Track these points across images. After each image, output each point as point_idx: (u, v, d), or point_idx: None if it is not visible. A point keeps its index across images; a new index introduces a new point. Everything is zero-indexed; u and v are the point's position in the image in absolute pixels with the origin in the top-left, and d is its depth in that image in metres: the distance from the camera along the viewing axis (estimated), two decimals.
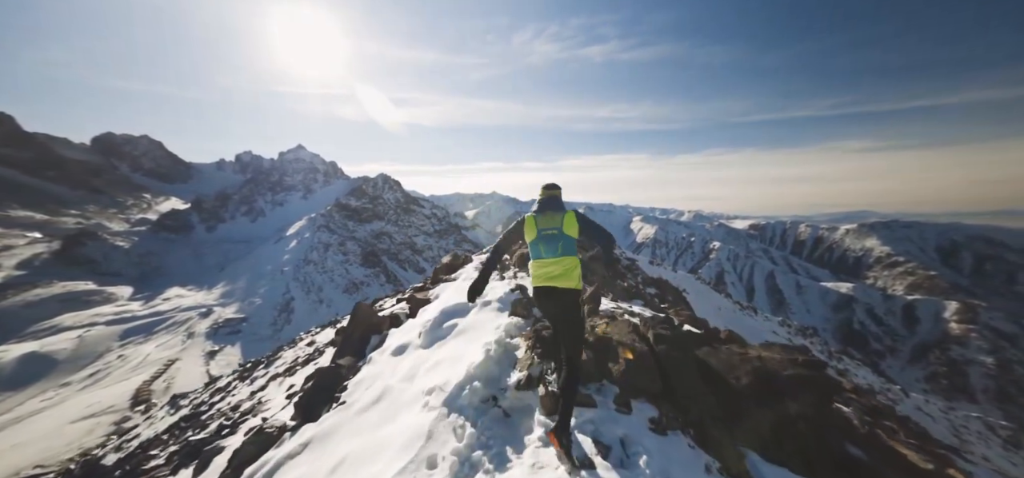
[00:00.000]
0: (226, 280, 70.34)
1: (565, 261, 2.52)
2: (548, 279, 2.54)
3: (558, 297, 2.53)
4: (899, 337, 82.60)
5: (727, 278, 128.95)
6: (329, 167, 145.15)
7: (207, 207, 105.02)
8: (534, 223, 2.62)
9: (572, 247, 2.54)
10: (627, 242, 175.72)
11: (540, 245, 2.59)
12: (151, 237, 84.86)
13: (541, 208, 2.71)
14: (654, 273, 23.26)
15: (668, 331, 3.55)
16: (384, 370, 4.47)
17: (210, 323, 52.86)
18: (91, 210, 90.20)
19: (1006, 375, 62.15)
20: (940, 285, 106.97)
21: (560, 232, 2.54)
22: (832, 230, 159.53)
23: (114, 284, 63.03)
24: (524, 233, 2.68)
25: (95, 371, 38.43)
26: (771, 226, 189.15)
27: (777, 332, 23.13)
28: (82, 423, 27.93)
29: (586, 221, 2.59)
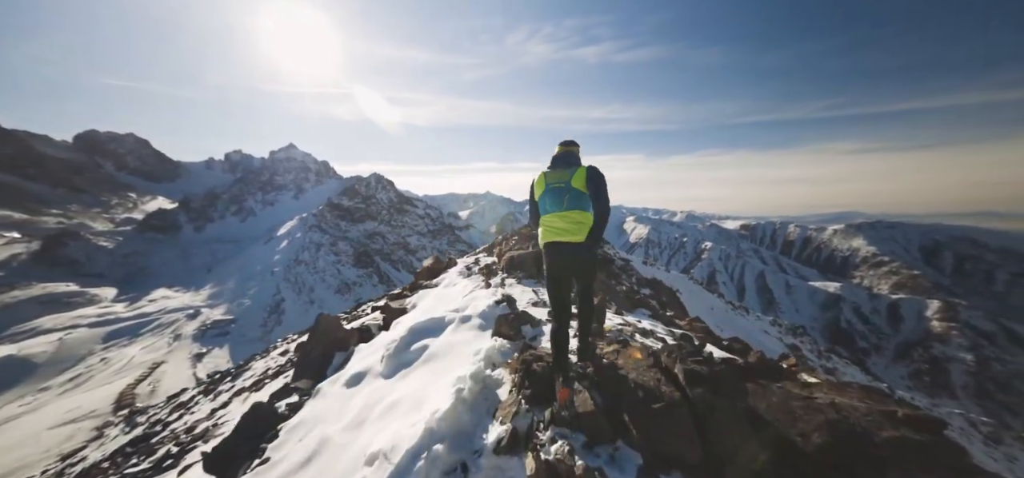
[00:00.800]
0: (214, 281, 68.97)
1: (572, 215, 2.41)
2: (553, 234, 2.44)
3: (565, 252, 2.42)
4: (884, 335, 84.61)
5: (719, 278, 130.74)
6: (321, 166, 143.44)
7: (195, 207, 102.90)
8: (544, 179, 2.57)
9: (579, 201, 2.43)
10: (621, 242, 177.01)
11: (547, 199, 2.52)
12: (137, 237, 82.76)
13: (553, 164, 2.63)
14: (648, 274, 23.40)
15: (704, 367, 2.43)
16: (330, 410, 3.52)
17: (198, 325, 51.75)
18: (73, 209, 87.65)
19: (985, 372, 64.08)
20: (923, 284, 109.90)
21: (567, 185, 2.44)
22: (820, 230, 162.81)
23: (97, 285, 61.35)
24: (533, 191, 2.62)
25: (76, 375, 37.31)
26: (762, 226, 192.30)
27: (768, 331, 23.44)
28: (61, 429, 27.06)
29: (597, 181, 2.43)
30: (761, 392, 2.48)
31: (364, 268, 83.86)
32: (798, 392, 2.50)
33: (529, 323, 3.83)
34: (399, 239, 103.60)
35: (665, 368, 2.57)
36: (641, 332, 3.93)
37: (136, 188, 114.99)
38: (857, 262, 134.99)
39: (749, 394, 2.43)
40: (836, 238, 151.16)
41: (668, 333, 4.40)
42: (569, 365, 2.52)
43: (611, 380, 2.53)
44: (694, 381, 2.34)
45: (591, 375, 2.56)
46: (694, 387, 2.30)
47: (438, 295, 6.10)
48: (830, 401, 2.34)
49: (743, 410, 2.28)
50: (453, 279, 7.14)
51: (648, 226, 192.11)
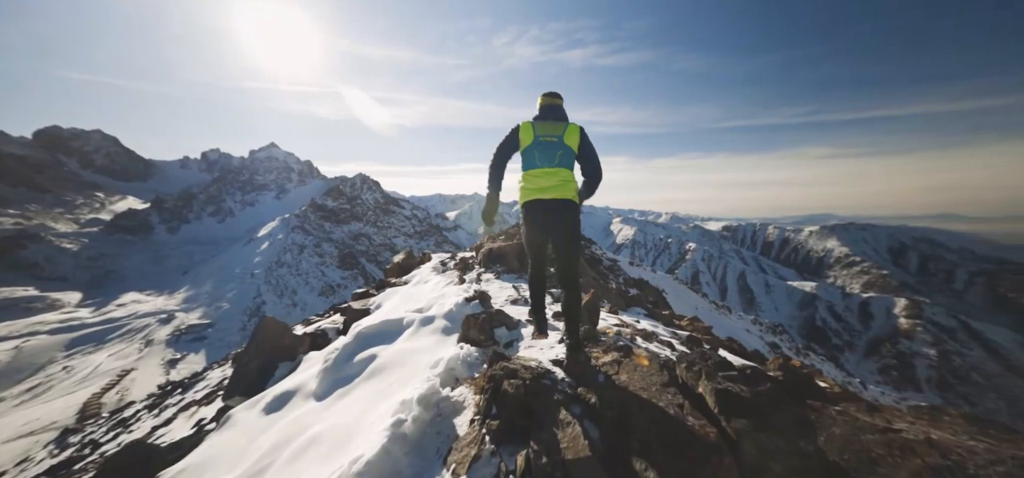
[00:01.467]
0: (190, 284, 66.08)
1: (561, 173, 2.26)
2: (541, 191, 2.25)
3: (552, 209, 2.24)
4: (855, 332, 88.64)
5: (702, 278, 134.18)
6: (304, 166, 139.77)
7: (169, 207, 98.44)
8: (531, 129, 2.32)
9: (570, 160, 2.29)
10: (607, 244, 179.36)
11: (535, 152, 2.28)
12: (104, 239, 78.46)
13: (542, 115, 2.44)
14: (635, 274, 23.78)
15: (745, 388, 1.66)
16: (231, 449, 2.69)
17: (171, 330, 49.42)
18: (32, 209, 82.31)
19: (946, 365, 67.96)
20: (891, 283, 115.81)
21: (560, 141, 2.27)
22: (797, 232, 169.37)
23: (60, 290, 57.82)
24: (519, 138, 2.33)
25: (35, 385, 34.98)
26: (743, 228, 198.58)
27: (750, 330, 24.15)
28: (17, 443, 25.28)
29: (588, 141, 2.32)
30: (818, 421, 1.66)
31: (349, 270, 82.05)
32: (868, 421, 1.66)
33: (505, 325, 3.11)
34: (385, 240, 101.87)
35: (685, 386, 1.85)
36: (642, 334, 3.16)
37: (104, 187, 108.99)
38: (831, 262, 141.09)
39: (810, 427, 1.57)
40: (812, 239, 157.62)
41: (672, 335, 3.72)
42: (544, 316, 2.56)
43: (612, 402, 1.79)
44: (732, 407, 1.58)
45: (583, 396, 1.91)
46: (733, 417, 1.54)
47: (406, 294, 5.46)
48: (924, 438, 1.50)
49: (813, 455, 1.44)
50: (425, 275, 6.45)
51: (634, 228, 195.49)
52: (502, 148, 2.38)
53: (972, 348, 69.95)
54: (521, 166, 2.38)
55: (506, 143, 2.38)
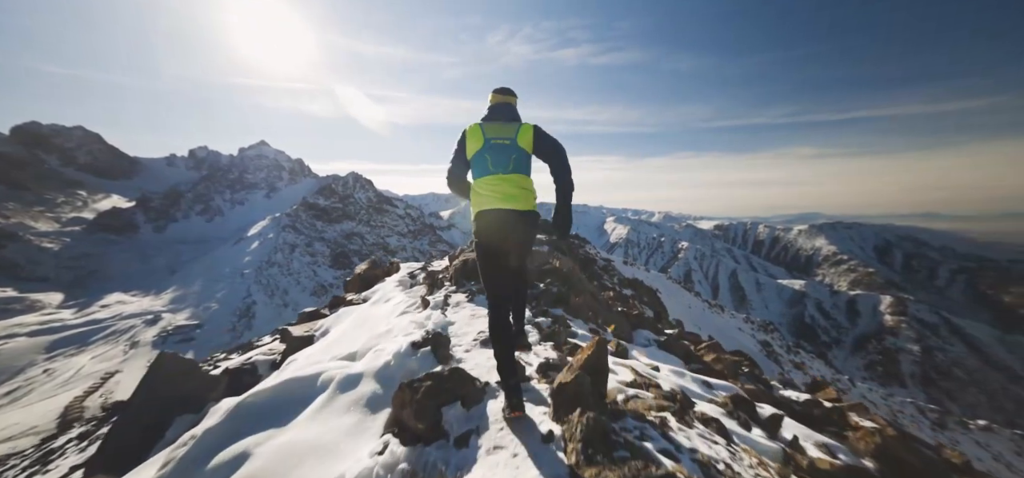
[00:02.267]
0: (178, 284, 64.65)
1: (519, 179, 2.02)
2: (496, 200, 1.98)
3: (514, 221, 1.98)
4: (843, 329, 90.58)
5: (694, 276, 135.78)
6: (295, 165, 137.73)
7: (155, 205, 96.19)
8: (480, 132, 2.06)
9: (526, 164, 2.07)
10: (601, 242, 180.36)
11: (487, 157, 2.01)
12: (87, 238, 76.34)
13: (491, 115, 2.19)
14: (629, 274, 23.89)
15: None
16: None
17: (158, 331, 48.30)
18: (11, 208, 79.66)
19: (929, 361, 69.83)
20: (877, 281, 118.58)
21: (513, 143, 2.04)
22: (787, 231, 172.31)
23: (40, 290, 56.09)
24: (466, 145, 2.08)
25: (14, 388, 33.87)
26: (734, 227, 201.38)
27: (742, 329, 24.44)
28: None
29: (545, 137, 2.08)
30: None
31: (342, 269, 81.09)
32: None
33: (461, 398, 1.99)
34: (378, 239, 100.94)
35: None
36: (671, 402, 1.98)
37: (86, 185, 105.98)
38: (819, 260, 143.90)
39: None
40: (801, 238, 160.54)
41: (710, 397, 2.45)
42: (518, 381, 1.90)
43: None
44: None
45: None
46: None
47: (361, 316, 4.46)
48: None
49: None
50: (389, 291, 5.39)
51: (627, 226, 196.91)
52: (455, 162, 2.12)
53: (954, 344, 71.99)
54: (472, 173, 2.11)
55: (457, 156, 2.12)
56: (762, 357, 19.60)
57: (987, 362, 67.64)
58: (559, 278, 5.46)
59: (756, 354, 19.57)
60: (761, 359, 19.44)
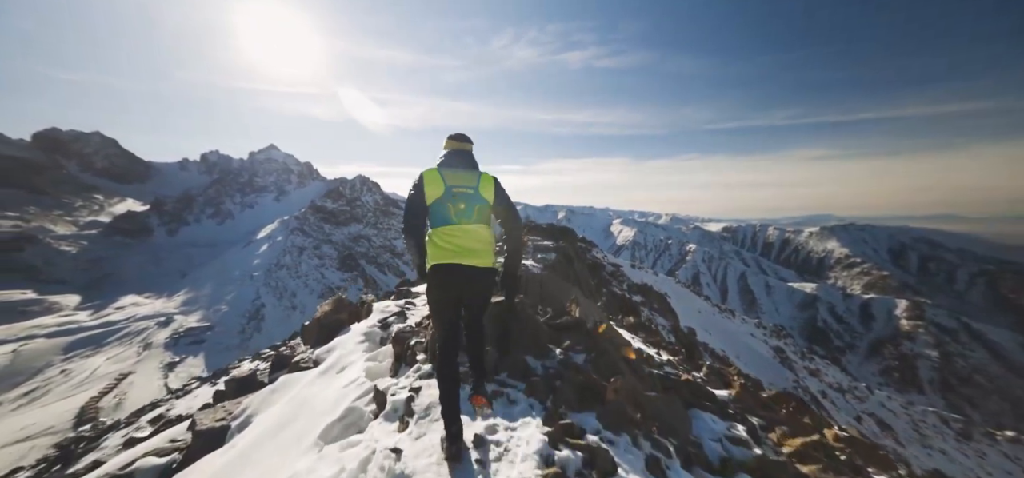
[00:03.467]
0: (189, 286, 65.79)
1: (481, 232, 1.98)
2: (460, 253, 1.91)
3: (473, 278, 1.94)
4: (857, 334, 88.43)
5: (702, 279, 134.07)
6: (303, 168, 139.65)
7: (168, 209, 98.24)
8: (439, 178, 1.98)
9: (487, 215, 2.05)
10: (607, 245, 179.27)
11: (448, 206, 1.94)
12: (103, 241, 78.22)
13: (449, 162, 2.08)
14: (637, 278, 23.59)
15: None
16: None
17: (170, 332, 49.15)
18: (31, 212, 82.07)
19: (948, 367, 67.72)
20: (891, 284, 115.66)
21: (475, 193, 1.98)
22: (797, 233, 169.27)
23: (58, 292, 57.52)
24: (424, 191, 1.98)
25: (32, 389, 34.69)
26: (743, 229, 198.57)
27: (754, 335, 23.97)
28: (15, 447, 25.03)
29: (503, 191, 2.08)
30: None
31: (349, 272, 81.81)
32: None
33: None
34: (385, 242, 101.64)
35: None
36: None
37: (103, 189, 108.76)
38: (832, 263, 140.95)
39: None
40: (812, 240, 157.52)
41: None
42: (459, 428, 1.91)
43: None
44: None
45: None
46: None
47: (298, 401, 3.15)
48: None
49: None
50: (348, 351, 3.89)
51: (634, 229, 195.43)
52: (413, 209, 2.00)
53: (974, 350, 69.73)
54: (430, 220, 2.00)
55: (415, 197, 2.00)
56: (776, 364, 19.16)
57: (1010, 368, 65.35)
58: (582, 338, 3.47)
59: (769, 361, 19.12)
60: (775, 366, 19.00)
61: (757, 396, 3.34)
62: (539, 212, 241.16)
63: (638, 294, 15.06)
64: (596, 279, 13.15)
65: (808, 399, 15.88)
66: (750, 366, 17.00)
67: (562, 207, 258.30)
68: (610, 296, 12.42)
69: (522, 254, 2.18)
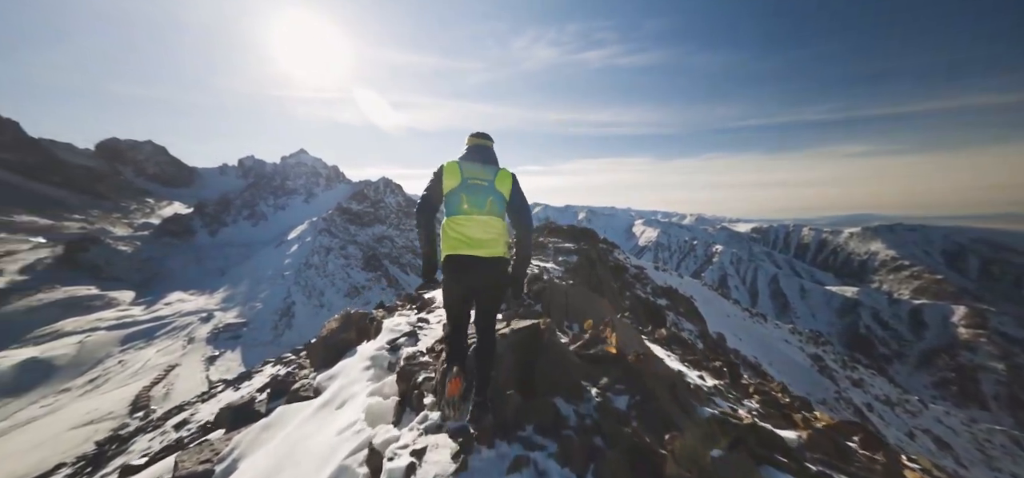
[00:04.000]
0: (228, 284, 70.18)
1: (493, 223, 2.02)
2: (470, 244, 1.97)
3: (482, 269, 1.99)
4: (906, 342, 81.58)
5: (730, 282, 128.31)
6: (331, 171, 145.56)
7: (209, 211, 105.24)
8: (458, 169, 2.04)
9: (501, 207, 2.07)
10: (630, 246, 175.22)
11: (463, 196, 1.99)
12: (154, 241, 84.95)
13: (469, 156, 2.16)
14: (660, 279, 22.86)
15: None
16: None
17: (211, 328, 52.59)
18: (94, 215, 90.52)
19: (1018, 381, 61.13)
20: (947, 289, 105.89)
21: (491, 185, 2.03)
22: (836, 233, 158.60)
23: (116, 289, 62.92)
24: (442, 180, 2.04)
25: (95, 377, 38.15)
26: (774, 229, 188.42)
27: (789, 341, 22.65)
28: (81, 430, 27.60)
29: (520, 188, 2.12)
30: None
31: (373, 271, 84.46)
32: None
33: None
34: (407, 243, 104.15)
35: None
36: None
37: (154, 194, 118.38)
38: (876, 266, 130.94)
39: None
40: (853, 241, 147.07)
41: None
42: (465, 354, 2.18)
43: None
44: None
45: None
46: None
47: (289, 445, 2.82)
48: None
49: None
50: (351, 381, 3.49)
51: (657, 229, 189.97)
52: (429, 194, 2.06)
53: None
54: (445, 210, 2.06)
55: (432, 187, 2.07)
56: (814, 373, 17.97)
57: None
58: (623, 374, 2.85)
59: (806, 369, 17.96)
60: (812, 376, 17.84)
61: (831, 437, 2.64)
62: (559, 212, 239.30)
63: (663, 298, 14.59)
64: (619, 282, 12.84)
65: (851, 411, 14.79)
66: (785, 374, 16.07)
67: (582, 207, 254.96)
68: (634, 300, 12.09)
69: (531, 256, 2.20)
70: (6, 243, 66.00)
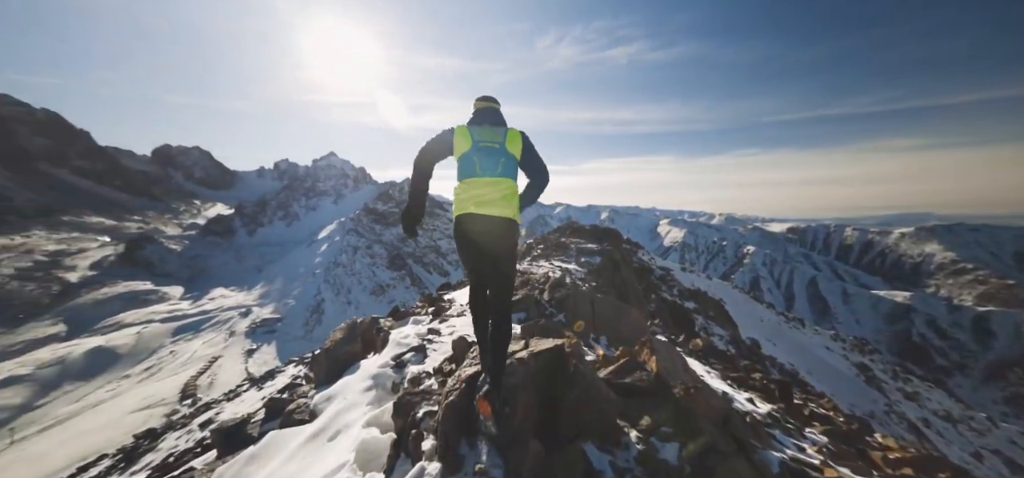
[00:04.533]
0: (264, 281, 74.57)
1: (504, 183, 2.02)
2: (481, 204, 1.99)
3: (494, 227, 2.00)
4: (969, 353, 73.88)
5: (763, 284, 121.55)
6: (358, 173, 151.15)
7: (248, 212, 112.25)
8: (468, 134, 2.06)
9: (513, 169, 2.07)
10: (654, 246, 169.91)
11: (474, 159, 2.01)
12: (199, 240, 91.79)
13: (478, 119, 2.17)
14: (687, 281, 21.95)
15: None
16: None
17: (249, 322, 56.06)
18: (150, 216, 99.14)
19: None
20: (1019, 295, 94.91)
21: (502, 147, 2.05)
22: (884, 234, 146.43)
23: (167, 284, 68.48)
24: (453, 144, 2.06)
25: (150, 365, 41.69)
26: (813, 229, 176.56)
27: (831, 348, 21.12)
28: (138, 414, 30.26)
29: (532, 146, 2.13)
30: None
31: (397, 271, 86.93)
32: None
33: None
34: (430, 243, 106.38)
35: None
36: None
37: (199, 196, 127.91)
38: (931, 269, 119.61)
39: None
40: (905, 242, 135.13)
41: None
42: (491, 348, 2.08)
43: None
44: None
45: None
46: None
47: None
48: None
49: None
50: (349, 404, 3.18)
51: (683, 229, 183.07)
52: (431, 146, 2.06)
53: None
54: (457, 174, 2.08)
55: (436, 142, 2.07)
56: (859, 383, 16.58)
57: None
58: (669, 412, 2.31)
59: (852, 380, 16.58)
60: (858, 386, 16.47)
61: None
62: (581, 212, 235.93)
63: (690, 300, 13.97)
64: (644, 284, 12.41)
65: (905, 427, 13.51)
66: (827, 384, 14.94)
67: (605, 207, 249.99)
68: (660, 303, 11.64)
69: (538, 197, 2.21)
70: (78, 241, 73.58)
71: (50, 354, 40.71)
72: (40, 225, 76.26)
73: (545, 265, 9.07)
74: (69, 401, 33.97)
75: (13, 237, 68.56)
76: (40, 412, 32.15)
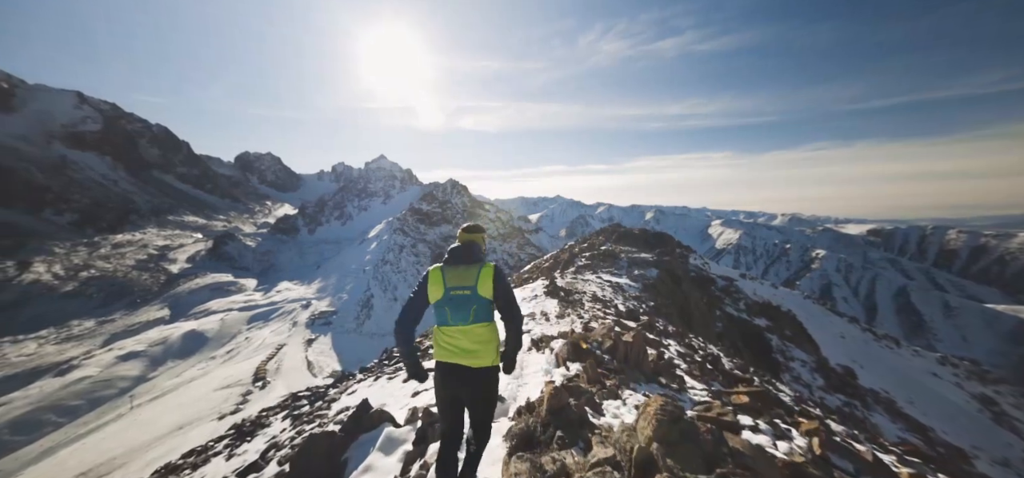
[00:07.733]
0: (321, 276, 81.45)
1: (478, 331, 1.97)
2: (456, 354, 1.98)
3: (469, 378, 1.98)
4: None
5: (837, 292, 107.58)
6: (405, 174, 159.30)
7: (309, 212, 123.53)
8: (441, 278, 2.02)
9: (487, 312, 2.01)
10: (705, 248, 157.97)
11: (446, 310, 1.99)
12: (269, 238, 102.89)
13: (453, 258, 2.12)
14: (750, 290, 19.78)
15: None
16: None
17: (309, 314, 61.51)
18: (232, 215, 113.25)
19: None
20: None
21: (473, 293, 1.98)
22: (1003, 237, 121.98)
23: (244, 277, 77.60)
24: (428, 292, 2.02)
25: (230, 349, 47.42)
26: (902, 231, 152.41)
27: (939, 374, 17.81)
28: (221, 392, 34.52)
29: (503, 284, 2.03)
30: None
31: None
32: None
33: None
34: None
35: None
36: None
37: (270, 197, 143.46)
38: None
39: None
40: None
41: None
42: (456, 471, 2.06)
43: None
44: None
45: None
46: None
47: None
48: None
49: None
50: None
51: (739, 231, 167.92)
52: (409, 310, 2.02)
53: None
54: (434, 319, 2.07)
55: (413, 301, 2.03)
56: (984, 420, 13.61)
57: None
58: None
59: (974, 415, 13.62)
60: (982, 424, 13.53)
61: None
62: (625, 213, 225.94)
63: (761, 316, 12.36)
64: (705, 296, 11.16)
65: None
66: (938, 420, 12.48)
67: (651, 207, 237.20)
68: (726, 320, 10.40)
69: (520, 345, 2.17)
70: (179, 238, 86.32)
71: (157, 334, 48.08)
72: (153, 223, 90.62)
73: (592, 279, 8.48)
74: (171, 376, 39.79)
75: (135, 234, 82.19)
76: (150, 384, 38.05)
